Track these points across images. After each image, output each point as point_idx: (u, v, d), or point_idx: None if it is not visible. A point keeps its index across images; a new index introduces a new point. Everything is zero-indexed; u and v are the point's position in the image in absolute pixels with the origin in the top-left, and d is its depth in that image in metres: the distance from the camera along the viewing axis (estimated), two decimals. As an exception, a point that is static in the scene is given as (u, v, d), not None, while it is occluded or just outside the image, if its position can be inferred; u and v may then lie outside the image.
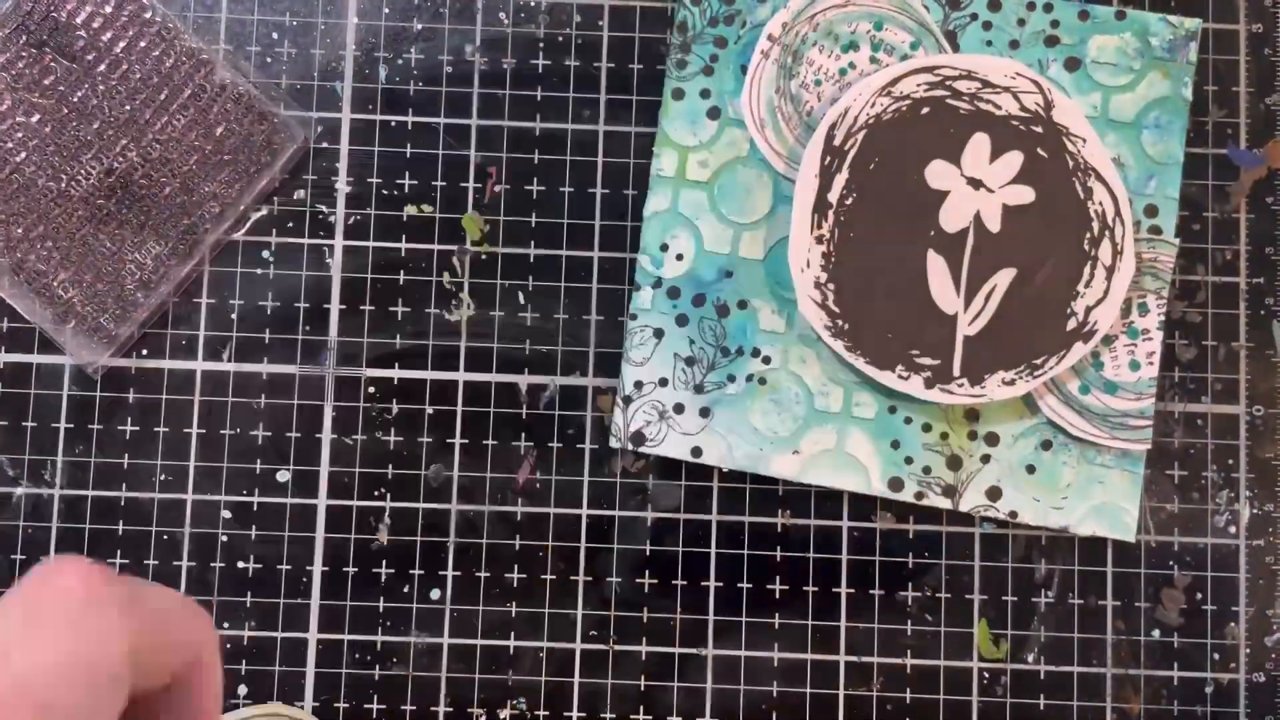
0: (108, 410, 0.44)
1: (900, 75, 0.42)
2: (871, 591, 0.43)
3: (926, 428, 0.43)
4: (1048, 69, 0.44)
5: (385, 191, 0.45)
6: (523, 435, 0.44)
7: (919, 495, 0.42)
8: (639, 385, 0.43)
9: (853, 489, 0.43)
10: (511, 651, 0.43)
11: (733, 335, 0.43)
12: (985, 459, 0.42)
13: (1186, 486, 0.44)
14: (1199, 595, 0.43)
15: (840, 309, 0.42)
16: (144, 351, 0.44)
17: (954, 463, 0.42)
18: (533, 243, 0.45)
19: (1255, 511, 0.44)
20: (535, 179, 0.45)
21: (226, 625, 0.43)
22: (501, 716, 0.43)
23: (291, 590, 0.43)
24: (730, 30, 0.44)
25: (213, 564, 0.43)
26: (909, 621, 0.43)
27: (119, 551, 0.43)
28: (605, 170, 0.45)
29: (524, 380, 0.44)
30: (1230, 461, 0.44)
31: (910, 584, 0.43)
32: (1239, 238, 0.45)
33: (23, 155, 0.43)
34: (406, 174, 0.45)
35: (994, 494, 0.42)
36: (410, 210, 0.45)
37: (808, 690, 0.43)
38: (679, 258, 0.43)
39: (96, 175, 0.43)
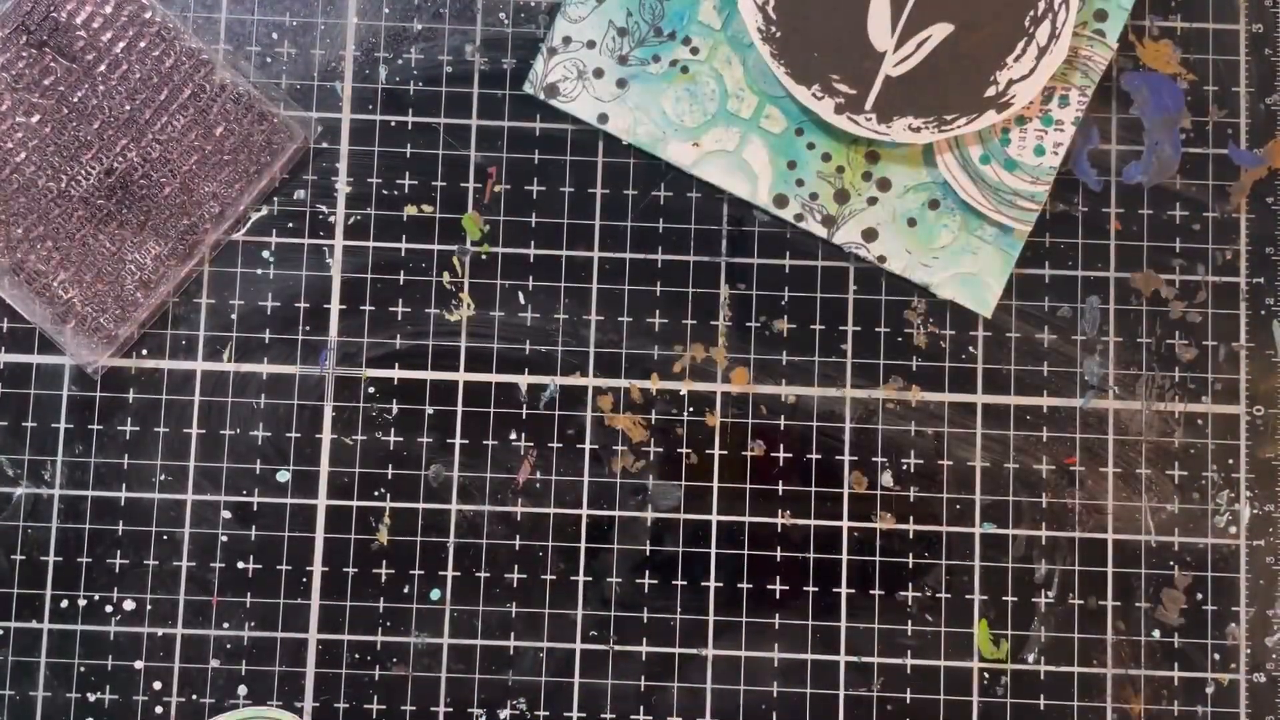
0: (108, 410, 0.44)
1: None
2: (872, 592, 0.43)
3: (826, 157, 0.43)
4: None
5: (385, 191, 0.45)
6: (523, 435, 0.44)
7: (799, 217, 0.43)
8: (567, 40, 0.44)
9: (738, 194, 0.43)
10: (511, 651, 0.43)
11: (670, 18, 0.44)
12: (872, 201, 0.43)
13: (1187, 487, 0.44)
14: (1199, 596, 0.43)
15: (777, 16, 0.42)
16: (144, 351, 0.44)
17: (842, 196, 0.43)
18: (533, 243, 0.45)
19: (1255, 512, 0.44)
20: (535, 179, 0.45)
21: (226, 626, 0.43)
22: (501, 716, 0.43)
23: (291, 590, 0.43)
24: None
25: (213, 564, 0.43)
26: (909, 622, 0.43)
27: (119, 552, 0.43)
28: (605, 170, 0.45)
29: (524, 380, 0.44)
30: (1230, 462, 0.44)
31: (910, 584, 0.43)
32: (1239, 238, 0.45)
33: (23, 155, 0.43)
34: (406, 174, 0.45)
35: (870, 235, 0.43)
36: (410, 210, 0.45)
37: (808, 690, 0.43)
38: None
39: (96, 175, 0.43)
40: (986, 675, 0.43)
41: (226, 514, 0.44)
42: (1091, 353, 0.44)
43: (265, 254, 0.44)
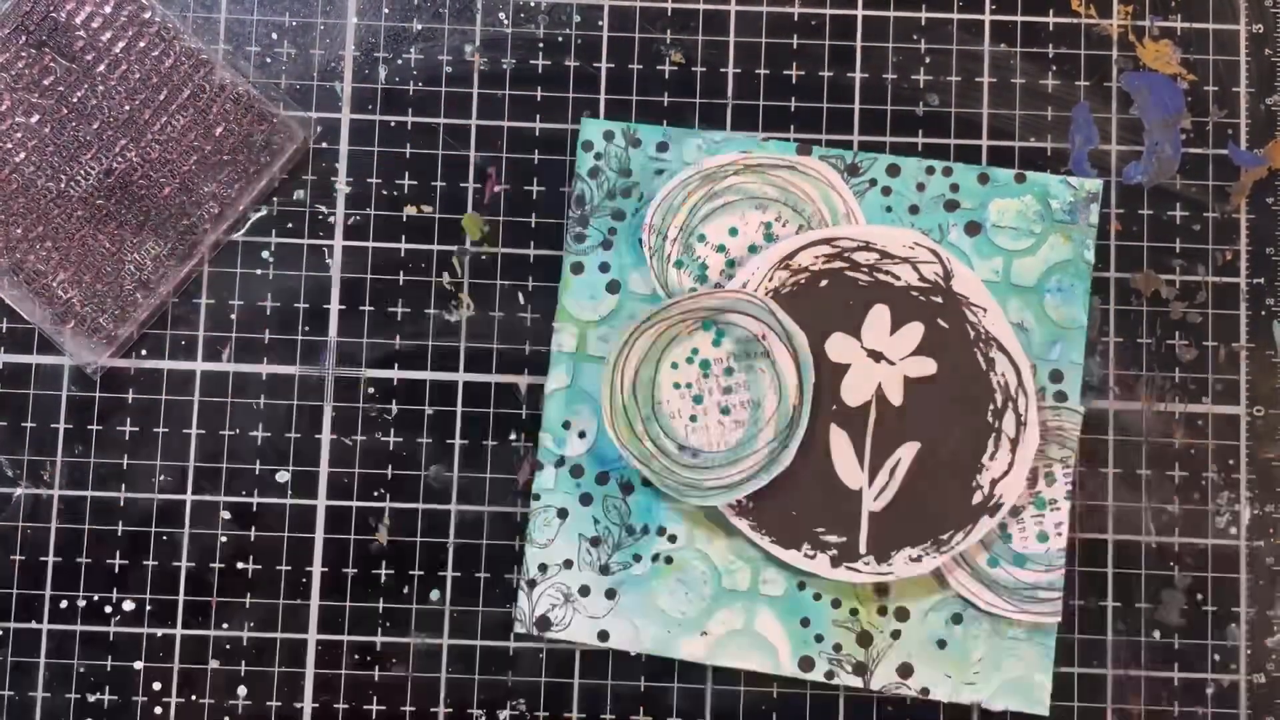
0: (107, 411, 0.44)
1: (798, 248, 0.42)
2: (872, 592, 0.43)
3: (836, 603, 0.42)
4: (949, 234, 0.43)
5: (385, 191, 0.45)
6: (522, 435, 0.44)
7: (829, 675, 0.42)
8: (543, 568, 0.42)
9: (762, 670, 0.42)
10: (511, 652, 0.43)
11: (638, 513, 0.42)
12: (895, 634, 0.42)
13: (1187, 487, 0.44)
14: (1199, 596, 0.43)
15: None
16: (143, 352, 0.44)
17: (864, 639, 0.42)
18: (532, 243, 0.45)
19: (1256, 512, 0.44)
20: (535, 179, 0.45)
21: (226, 626, 0.43)
22: (501, 717, 0.43)
23: (291, 591, 0.43)
24: (628, 203, 0.43)
25: (212, 565, 0.43)
26: (909, 622, 0.43)
27: (119, 552, 0.43)
28: (605, 170, 0.45)
29: (524, 380, 0.44)
30: (1231, 462, 0.44)
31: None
32: (1239, 238, 0.45)
33: (22, 155, 0.43)
34: (406, 174, 0.45)
35: (905, 671, 0.42)
36: (410, 210, 0.45)
37: (808, 691, 0.43)
38: (581, 435, 0.43)
39: (96, 175, 0.43)
40: (987, 676, 0.43)
41: (226, 514, 0.44)
42: (1092, 353, 0.44)
43: (265, 254, 0.44)
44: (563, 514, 0.42)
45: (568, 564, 0.42)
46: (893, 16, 0.45)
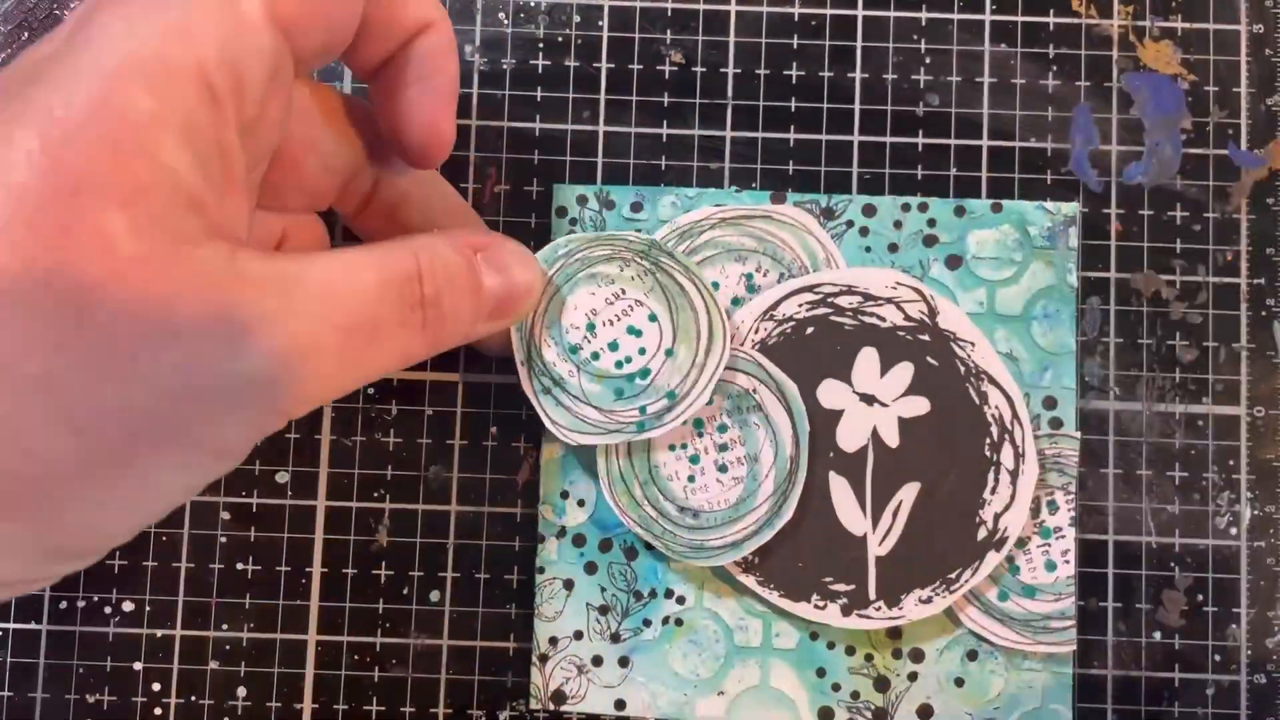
0: (106, 411, 0.44)
1: (781, 297, 0.42)
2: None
3: (850, 651, 0.42)
4: (930, 269, 0.43)
5: (385, 192, 0.45)
6: (523, 436, 0.44)
7: None
8: (554, 641, 0.42)
9: None
10: (511, 653, 0.43)
11: (644, 577, 0.42)
12: (912, 676, 0.42)
13: (1187, 488, 0.44)
14: (1200, 597, 0.43)
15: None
16: (143, 352, 0.44)
17: (881, 684, 0.42)
18: (533, 243, 0.44)
19: (1256, 513, 0.44)
20: (535, 179, 0.45)
21: (225, 627, 0.43)
22: (501, 718, 0.43)
23: (290, 592, 0.43)
24: None
25: (211, 565, 0.43)
26: (909, 623, 0.43)
27: (118, 552, 0.43)
28: (605, 171, 0.45)
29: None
30: (1231, 463, 0.44)
31: (911, 585, 0.43)
32: (1240, 238, 0.45)
33: (21, 155, 0.43)
34: (406, 174, 0.45)
35: (925, 712, 0.41)
36: (410, 211, 0.44)
37: (808, 692, 0.43)
38: (580, 503, 0.42)
39: (95, 175, 0.43)
40: (987, 676, 0.43)
41: (225, 515, 0.44)
42: (1092, 354, 0.44)
43: (264, 254, 0.44)
44: (568, 585, 0.42)
45: (578, 635, 0.42)
46: (893, 16, 0.45)
